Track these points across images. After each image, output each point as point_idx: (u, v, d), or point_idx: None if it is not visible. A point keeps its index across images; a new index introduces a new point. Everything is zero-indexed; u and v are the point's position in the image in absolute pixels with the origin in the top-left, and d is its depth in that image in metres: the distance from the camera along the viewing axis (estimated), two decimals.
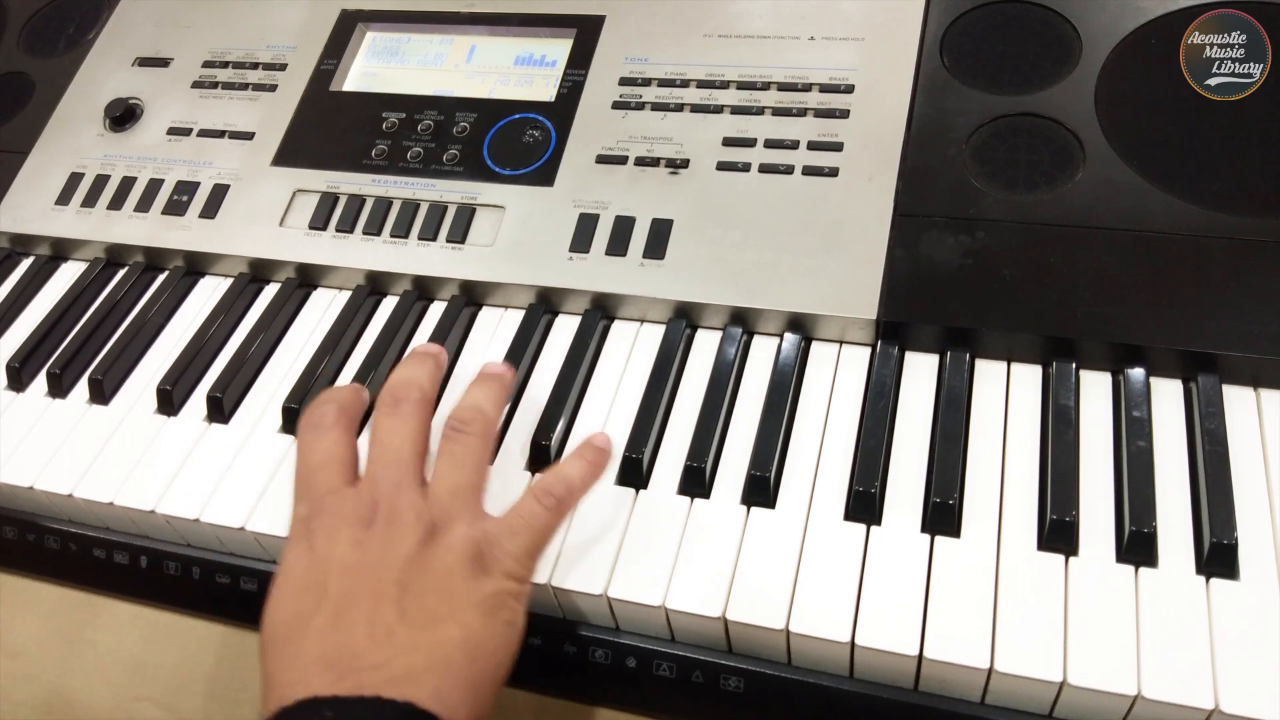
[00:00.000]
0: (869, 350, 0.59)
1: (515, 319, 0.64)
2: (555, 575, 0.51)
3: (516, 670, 0.50)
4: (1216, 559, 0.47)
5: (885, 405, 0.55)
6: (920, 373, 0.57)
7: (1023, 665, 0.45)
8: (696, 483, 0.54)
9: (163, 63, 0.80)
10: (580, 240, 0.64)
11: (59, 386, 0.66)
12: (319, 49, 0.77)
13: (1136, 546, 0.48)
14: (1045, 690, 0.45)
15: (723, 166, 0.64)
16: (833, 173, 0.62)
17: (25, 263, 0.76)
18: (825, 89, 0.65)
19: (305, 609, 0.44)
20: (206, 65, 0.79)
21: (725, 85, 0.67)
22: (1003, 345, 0.56)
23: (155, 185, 0.74)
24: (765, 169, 0.64)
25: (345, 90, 0.75)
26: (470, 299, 0.66)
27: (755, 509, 0.52)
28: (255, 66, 0.78)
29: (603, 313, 0.63)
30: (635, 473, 0.55)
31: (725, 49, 0.69)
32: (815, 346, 0.60)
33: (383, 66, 0.76)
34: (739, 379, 0.59)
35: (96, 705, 0.59)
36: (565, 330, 0.63)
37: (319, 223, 0.69)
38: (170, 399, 0.63)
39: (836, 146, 0.63)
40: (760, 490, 0.53)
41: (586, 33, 0.72)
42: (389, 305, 0.67)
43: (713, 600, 0.49)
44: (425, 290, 0.67)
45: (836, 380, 0.58)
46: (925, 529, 0.50)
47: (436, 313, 0.66)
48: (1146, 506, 0.49)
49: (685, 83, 0.68)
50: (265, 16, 0.80)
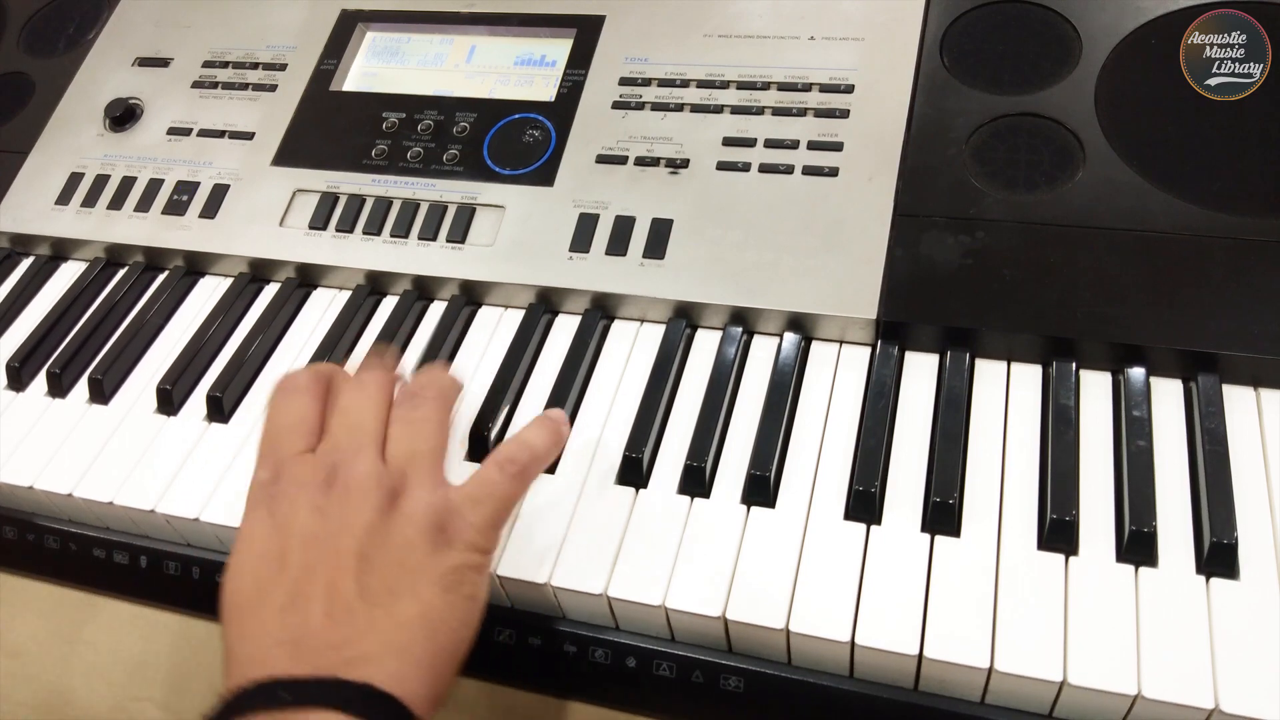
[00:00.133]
0: (869, 350, 0.59)
1: (515, 319, 0.64)
2: (555, 574, 0.51)
3: (517, 670, 0.50)
4: (1216, 559, 0.47)
5: (885, 405, 0.55)
6: (920, 372, 0.57)
7: (1023, 665, 0.45)
8: (696, 482, 0.54)
9: (163, 63, 0.80)
10: (580, 240, 0.64)
11: (59, 386, 0.66)
12: (319, 49, 0.77)
13: (1136, 546, 0.48)
14: (1045, 690, 0.45)
15: (723, 166, 0.64)
16: (833, 173, 0.62)
17: (25, 263, 0.76)
18: (825, 89, 0.65)
19: (265, 579, 0.43)
20: (206, 65, 0.79)
21: (725, 85, 0.67)
22: (1003, 345, 0.56)
23: (155, 185, 0.74)
24: (765, 169, 0.64)
25: (345, 90, 0.75)
26: (470, 299, 0.66)
27: (755, 508, 0.52)
28: (255, 66, 0.78)
29: (603, 312, 0.63)
30: (635, 472, 0.55)
31: (725, 49, 0.69)
32: (815, 346, 0.60)
33: (383, 66, 0.76)
34: (739, 379, 0.59)
35: (96, 705, 0.59)
36: (565, 330, 0.63)
37: (319, 222, 0.69)
38: (170, 399, 0.63)
39: (836, 146, 0.63)
40: (760, 490, 0.53)
41: (586, 33, 0.72)
42: (389, 305, 0.67)
43: (713, 600, 0.49)
44: (425, 290, 0.67)
45: (836, 380, 0.58)
46: (925, 528, 0.50)
47: (436, 313, 0.66)
48: (1146, 506, 0.49)
49: (685, 83, 0.68)
50: (265, 16, 0.80)
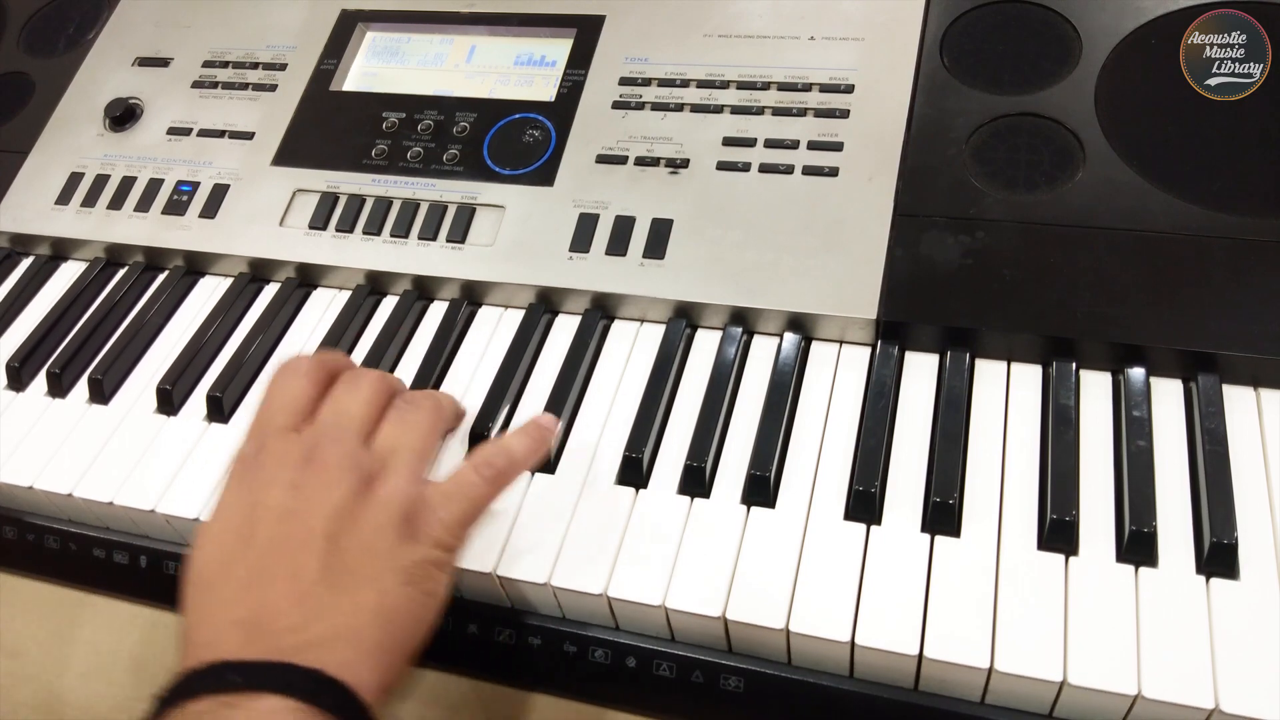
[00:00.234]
0: (869, 350, 0.59)
1: (515, 319, 0.64)
2: (555, 574, 0.51)
3: (517, 670, 0.50)
4: (1217, 559, 0.47)
5: (885, 405, 0.55)
6: (920, 372, 0.57)
7: (1023, 665, 0.45)
8: (696, 482, 0.54)
9: (163, 63, 0.80)
10: (580, 240, 0.64)
11: (59, 386, 0.66)
12: (319, 49, 0.77)
13: (1137, 546, 0.48)
14: (1045, 690, 0.45)
15: (723, 166, 0.64)
16: (833, 173, 0.62)
17: (25, 262, 0.76)
18: (825, 89, 0.65)
19: (231, 551, 0.43)
20: (206, 65, 0.79)
21: (725, 85, 0.67)
22: (1003, 345, 0.56)
23: (155, 185, 0.74)
24: (765, 169, 0.64)
25: (345, 90, 0.75)
26: (470, 299, 0.66)
27: (755, 508, 0.52)
28: (255, 66, 0.78)
29: (603, 312, 0.63)
30: (635, 472, 0.55)
31: (725, 49, 0.69)
32: (815, 346, 0.60)
33: (383, 66, 0.76)
34: (739, 379, 0.59)
35: (96, 705, 0.59)
36: (565, 330, 0.63)
37: (319, 222, 0.69)
38: (170, 399, 0.63)
39: (836, 146, 0.63)
40: (760, 490, 0.53)
41: (586, 33, 0.72)
42: (389, 305, 0.67)
43: (713, 600, 0.49)
44: (425, 290, 0.67)
45: (836, 380, 0.58)
46: (925, 529, 0.50)
47: (436, 313, 0.66)
48: (1146, 506, 0.49)
49: (685, 83, 0.68)
50: (265, 16, 0.80)
